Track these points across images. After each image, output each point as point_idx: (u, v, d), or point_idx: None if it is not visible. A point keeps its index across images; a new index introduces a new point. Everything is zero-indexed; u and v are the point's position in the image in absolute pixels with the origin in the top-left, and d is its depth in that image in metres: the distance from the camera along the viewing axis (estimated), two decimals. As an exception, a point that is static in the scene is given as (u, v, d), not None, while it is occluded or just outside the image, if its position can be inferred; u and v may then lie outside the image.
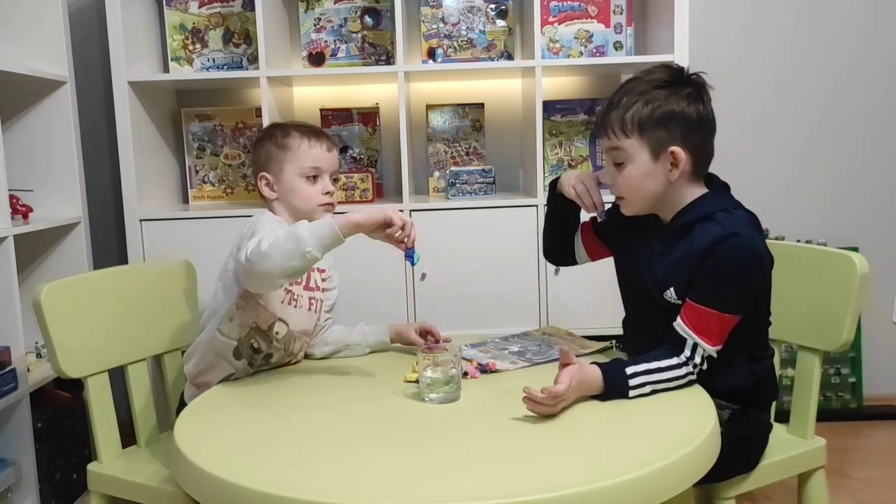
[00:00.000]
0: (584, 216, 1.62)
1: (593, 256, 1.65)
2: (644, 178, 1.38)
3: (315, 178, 1.58)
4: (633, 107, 1.35)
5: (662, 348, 1.35)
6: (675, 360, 1.32)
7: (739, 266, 1.32)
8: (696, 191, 1.40)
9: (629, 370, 1.30)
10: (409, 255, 1.40)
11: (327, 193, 1.59)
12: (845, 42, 2.64)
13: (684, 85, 1.38)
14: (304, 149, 1.57)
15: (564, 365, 1.27)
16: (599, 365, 1.30)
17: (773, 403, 1.52)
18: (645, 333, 1.44)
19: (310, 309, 1.59)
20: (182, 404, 1.57)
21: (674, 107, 1.35)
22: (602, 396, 1.29)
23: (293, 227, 1.33)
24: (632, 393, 1.29)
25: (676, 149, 1.36)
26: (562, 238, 1.67)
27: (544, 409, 1.21)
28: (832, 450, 1.60)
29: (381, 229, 1.37)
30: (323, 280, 1.64)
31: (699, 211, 1.38)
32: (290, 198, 1.58)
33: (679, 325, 1.34)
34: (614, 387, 1.28)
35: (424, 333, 1.66)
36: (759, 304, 1.41)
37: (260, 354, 1.53)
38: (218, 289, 1.54)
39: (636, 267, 1.45)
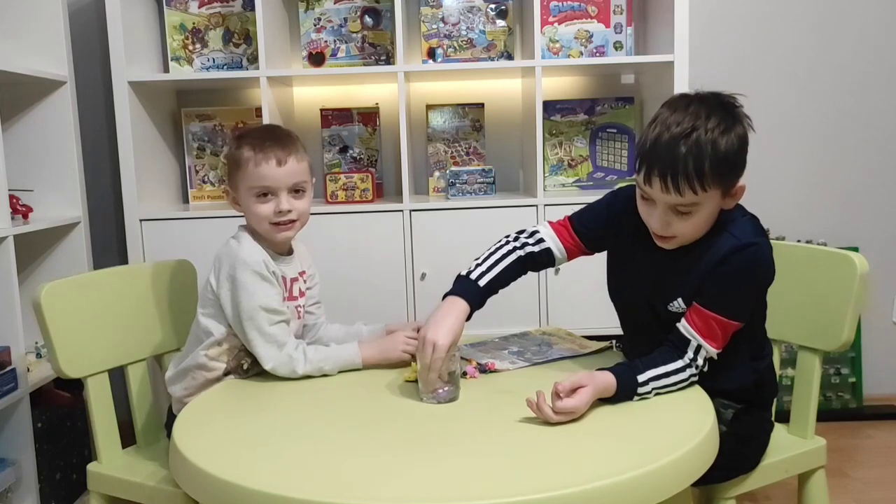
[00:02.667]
0: (560, 214, 1.53)
1: (570, 256, 1.53)
2: (709, 218, 1.31)
3: (266, 195, 1.45)
4: (710, 156, 1.23)
5: (665, 350, 1.34)
6: (679, 364, 1.32)
7: (753, 276, 1.32)
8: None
9: (640, 378, 1.28)
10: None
11: (279, 213, 1.45)
12: (846, 41, 2.64)
13: (734, 109, 1.30)
14: (251, 167, 1.43)
15: (573, 389, 1.22)
16: (612, 371, 1.28)
17: (774, 402, 1.52)
18: (644, 336, 1.43)
19: (297, 318, 1.57)
20: (171, 416, 1.55)
21: (740, 137, 1.28)
22: (611, 400, 1.28)
23: (324, 360, 1.45)
24: (637, 398, 1.29)
25: (742, 184, 1.31)
26: (523, 272, 1.53)
27: (550, 417, 1.19)
28: (832, 450, 1.60)
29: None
30: (305, 282, 1.59)
31: (713, 227, 1.34)
32: (248, 217, 1.49)
33: (684, 326, 1.33)
34: (624, 392, 1.28)
35: None
36: (761, 308, 1.41)
37: (248, 371, 1.52)
38: (200, 317, 1.50)
39: (637, 275, 1.43)
